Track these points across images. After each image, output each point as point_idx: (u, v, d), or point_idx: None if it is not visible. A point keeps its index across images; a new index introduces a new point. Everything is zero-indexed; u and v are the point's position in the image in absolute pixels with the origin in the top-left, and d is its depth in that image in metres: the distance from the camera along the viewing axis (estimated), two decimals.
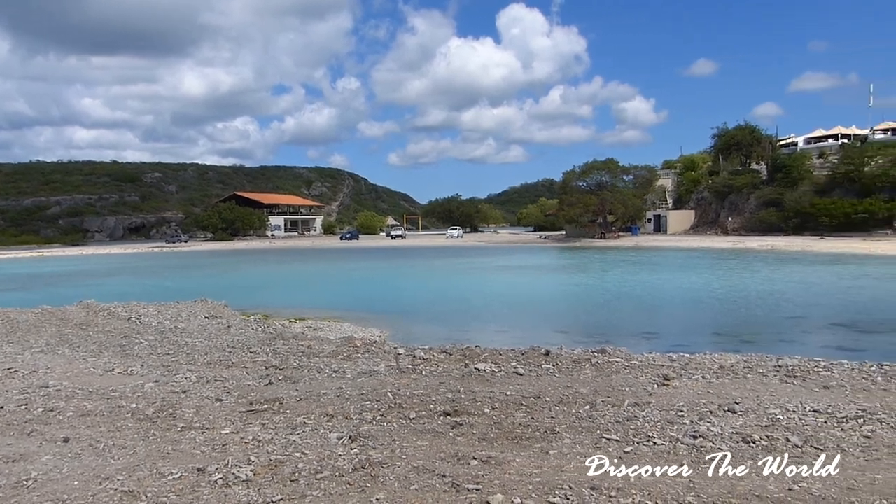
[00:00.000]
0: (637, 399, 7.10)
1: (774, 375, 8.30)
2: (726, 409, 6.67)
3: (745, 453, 5.45)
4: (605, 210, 78.45)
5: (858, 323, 17.95)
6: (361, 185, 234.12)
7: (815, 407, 6.73)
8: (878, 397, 7.20)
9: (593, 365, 8.93)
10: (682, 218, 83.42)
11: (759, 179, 75.33)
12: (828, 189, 66.18)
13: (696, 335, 16.13)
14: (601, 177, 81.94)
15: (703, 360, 9.39)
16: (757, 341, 14.84)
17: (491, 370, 8.61)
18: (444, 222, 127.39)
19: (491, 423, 6.35)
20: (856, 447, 5.56)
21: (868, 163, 63.92)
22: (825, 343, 14.91)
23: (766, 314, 20.46)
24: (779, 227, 66.54)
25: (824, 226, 62.35)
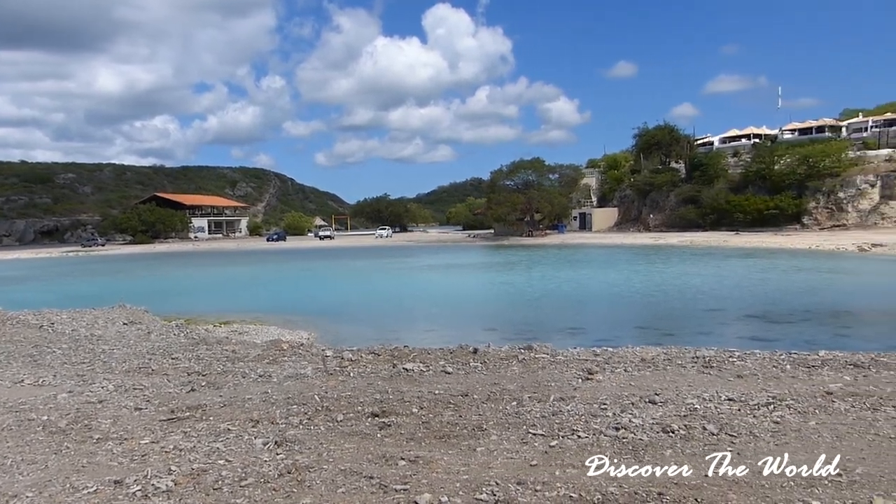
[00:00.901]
0: (562, 394, 7.24)
1: (692, 367, 8.61)
2: (647, 400, 6.88)
3: (664, 442, 5.63)
4: (532, 209, 79.72)
5: (770, 314, 18.83)
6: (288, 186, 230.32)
7: (730, 396, 7.02)
8: (787, 384, 7.58)
9: (520, 361, 9.05)
10: (606, 216, 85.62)
11: (679, 178, 78.11)
12: (742, 187, 69.23)
13: (620, 329, 16.58)
14: (528, 176, 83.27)
15: (625, 353, 9.66)
16: (677, 334, 15.37)
17: (419, 370, 8.62)
18: (373, 222, 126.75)
19: (419, 423, 6.35)
20: (766, 432, 5.83)
21: (778, 161, 67.18)
22: (740, 334, 15.58)
23: (686, 307, 21.23)
24: (697, 224, 69.17)
25: (739, 222, 65.15)
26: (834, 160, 63.57)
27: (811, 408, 6.57)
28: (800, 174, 64.28)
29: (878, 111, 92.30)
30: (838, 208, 62.42)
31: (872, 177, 61.64)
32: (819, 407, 6.61)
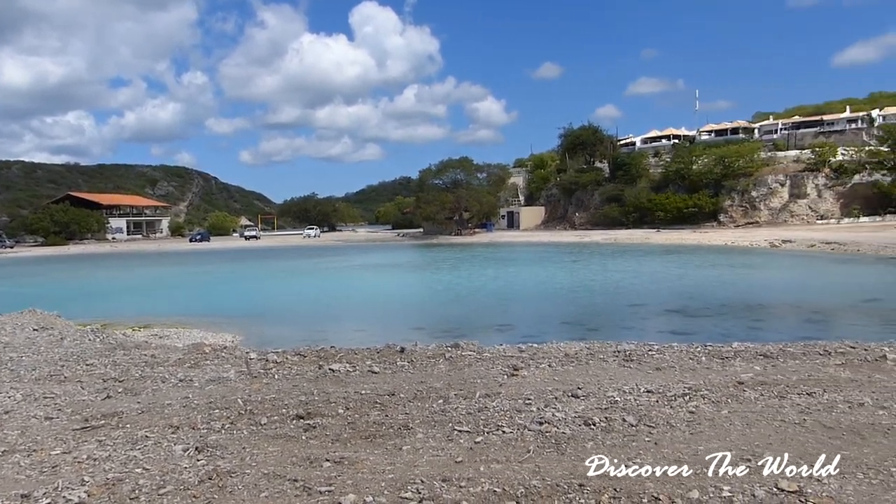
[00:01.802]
0: (488, 390, 7.32)
1: (614, 360, 8.85)
2: (570, 394, 7.03)
3: (586, 435, 5.77)
4: (461, 207, 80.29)
5: (688, 308, 19.55)
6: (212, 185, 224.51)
7: (649, 387, 7.25)
8: (702, 375, 7.88)
9: (447, 359, 9.10)
10: (533, 214, 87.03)
11: (603, 177, 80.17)
12: (662, 185, 71.68)
13: (546, 325, 16.89)
14: (456, 175, 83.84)
15: (549, 349, 9.84)
16: (601, 329, 15.78)
17: (346, 370, 8.55)
18: (300, 222, 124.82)
19: (345, 424, 6.30)
20: (682, 422, 6.05)
21: (696, 162, 69.88)
22: (660, 328, 16.11)
23: (609, 303, 21.83)
24: (621, 222, 71.15)
25: (660, 220, 67.41)
26: (747, 161, 66.58)
27: (724, 397, 6.86)
28: (716, 174, 67.04)
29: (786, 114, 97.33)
30: (752, 206, 65.36)
31: (782, 177, 64.80)
32: (731, 396, 6.90)
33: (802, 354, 9.03)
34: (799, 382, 7.41)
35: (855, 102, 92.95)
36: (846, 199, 60.75)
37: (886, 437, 5.56)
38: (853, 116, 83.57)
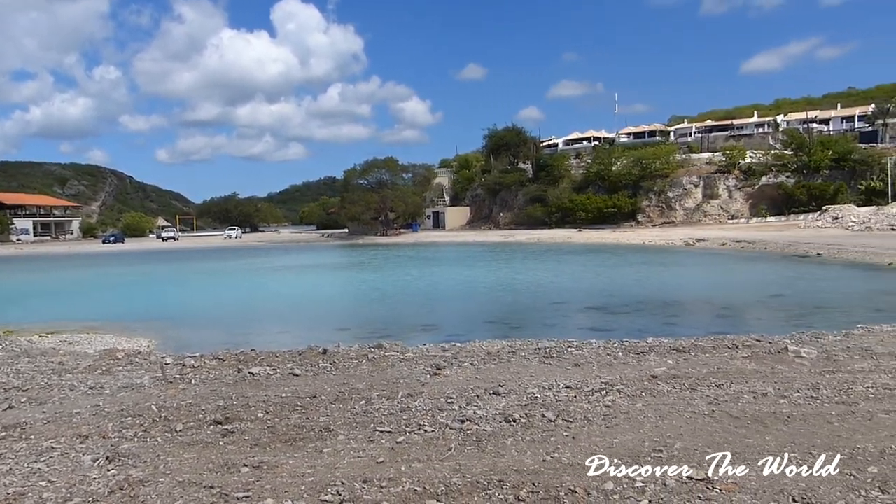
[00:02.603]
0: (411, 390, 7.34)
1: (535, 357, 9.03)
2: (491, 392, 7.13)
3: (506, 431, 5.86)
4: (387, 208, 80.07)
5: (608, 305, 20.09)
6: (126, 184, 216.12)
7: (568, 383, 7.43)
8: (619, 370, 8.13)
9: (370, 360, 9.07)
10: (458, 214, 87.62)
11: (526, 177, 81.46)
12: (583, 186, 73.46)
13: (470, 325, 17.01)
14: (382, 175, 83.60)
15: (472, 348, 9.95)
16: (523, 327, 16.03)
17: (266, 373, 8.40)
18: (221, 223, 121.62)
19: (264, 428, 6.19)
20: (599, 416, 6.22)
21: (615, 163, 71.93)
22: (580, 325, 16.48)
23: (532, 301, 22.21)
24: (544, 221, 72.48)
25: (581, 219, 69.04)
26: (663, 162, 68.97)
27: (639, 391, 7.10)
28: (634, 175, 69.19)
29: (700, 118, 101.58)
30: (668, 206, 67.75)
31: (696, 178, 67.44)
32: (645, 390, 7.15)
33: (712, 348, 9.44)
34: (708, 375, 7.75)
35: (762, 108, 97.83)
36: (754, 200, 63.73)
37: (786, 424, 5.88)
38: (760, 121, 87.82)
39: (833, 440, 5.43)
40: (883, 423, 5.81)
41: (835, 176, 59.27)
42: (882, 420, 5.91)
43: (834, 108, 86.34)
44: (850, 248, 33.48)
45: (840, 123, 78.87)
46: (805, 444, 5.35)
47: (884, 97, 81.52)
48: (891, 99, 77.85)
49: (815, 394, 6.80)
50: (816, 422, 5.93)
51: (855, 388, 6.95)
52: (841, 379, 7.39)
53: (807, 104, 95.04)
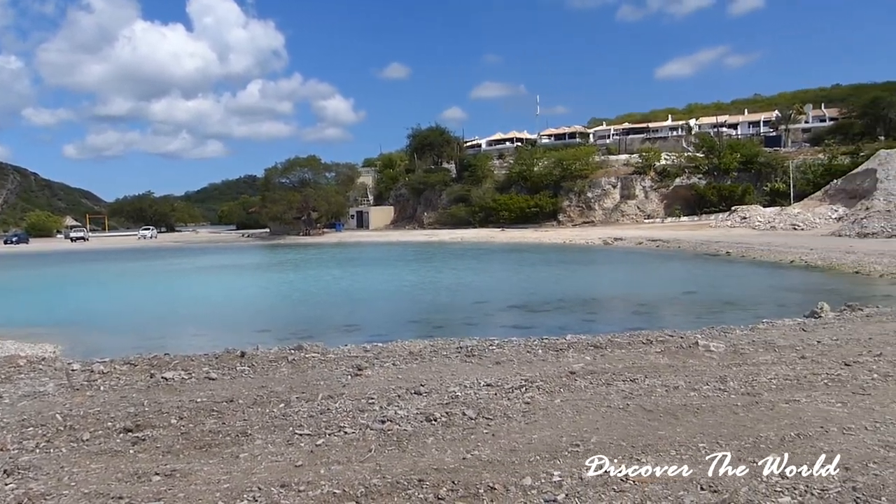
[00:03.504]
0: (331, 391, 7.25)
1: (456, 356, 9.07)
2: (413, 391, 7.12)
3: (427, 431, 5.86)
4: (309, 207, 78.92)
5: (529, 304, 20.44)
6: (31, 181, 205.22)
7: (488, 381, 7.50)
8: (538, 367, 8.27)
9: (290, 362, 8.91)
10: (383, 214, 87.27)
11: (450, 177, 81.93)
12: (506, 186, 74.50)
13: (393, 324, 16.97)
14: (304, 174, 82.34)
15: (394, 348, 9.91)
16: (446, 326, 16.09)
17: (181, 378, 8.12)
18: (135, 222, 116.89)
19: (178, 434, 5.98)
20: (518, 413, 6.31)
21: (537, 164, 73.27)
22: (502, 323, 16.69)
23: (455, 300, 22.35)
24: (468, 221, 73.06)
25: (504, 219, 69.94)
26: (583, 164, 70.70)
27: (557, 387, 7.24)
28: (555, 176, 70.67)
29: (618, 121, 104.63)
30: (587, 207, 69.47)
31: (614, 179, 69.43)
32: (564, 386, 7.29)
33: (628, 344, 9.73)
34: (624, 370, 7.98)
35: (675, 112, 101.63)
36: (669, 200, 66.12)
37: (696, 416, 6.12)
38: (674, 125, 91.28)
39: (738, 430, 5.68)
40: (783, 413, 6.12)
41: (742, 178, 62.17)
42: (783, 409, 6.22)
43: (742, 113, 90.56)
44: (756, 246, 35.20)
45: (747, 128, 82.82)
46: (713, 434, 5.58)
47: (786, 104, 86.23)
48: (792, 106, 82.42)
49: (722, 386, 7.10)
50: (724, 413, 6.18)
51: (759, 380, 7.29)
52: (746, 371, 7.74)
53: (717, 109, 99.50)
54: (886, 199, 43.18)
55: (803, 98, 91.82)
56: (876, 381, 7.14)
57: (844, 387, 6.96)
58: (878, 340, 9.42)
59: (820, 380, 7.26)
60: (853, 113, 72.45)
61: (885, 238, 35.89)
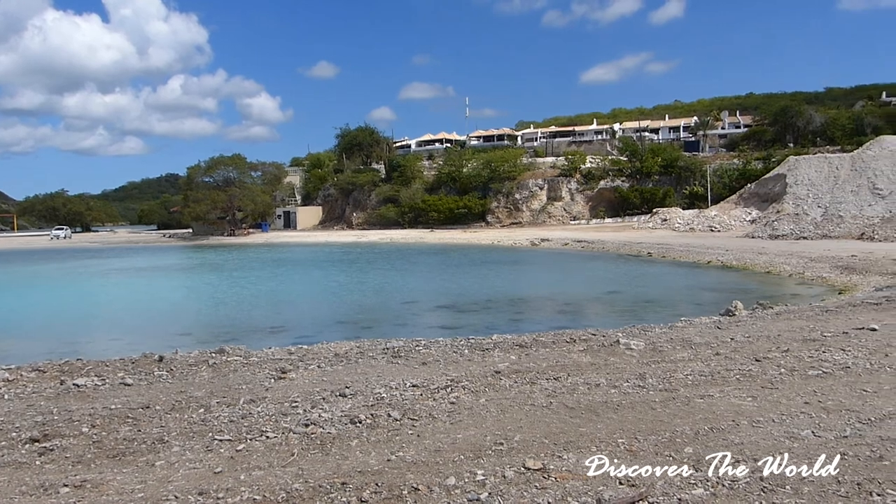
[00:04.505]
0: (253, 395, 7.09)
1: (383, 357, 9.02)
2: (338, 394, 7.04)
3: (351, 433, 5.81)
4: (234, 207, 77.10)
5: (457, 304, 20.56)
6: None
7: (414, 382, 7.49)
8: (464, 367, 8.31)
9: (211, 366, 8.66)
10: (311, 214, 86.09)
11: (379, 178, 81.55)
12: (436, 187, 74.70)
13: (320, 326, 16.76)
14: (228, 172, 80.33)
15: (320, 349, 9.78)
16: (374, 327, 16.02)
17: (94, 384, 7.78)
18: (47, 222, 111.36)
19: (89, 443, 5.72)
20: (444, 413, 6.32)
21: (466, 165, 73.81)
22: (430, 323, 16.73)
23: (384, 301, 22.26)
24: (397, 222, 72.88)
25: (434, 220, 70.12)
26: (511, 165, 71.65)
27: (482, 387, 7.29)
28: (484, 177, 71.36)
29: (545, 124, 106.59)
30: (515, 208, 70.42)
31: (541, 181, 70.62)
32: (489, 385, 7.36)
33: (552, 343, 9.90)
34: (548, 368, 8.11)
35: (600, 116, 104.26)
36: (594, 202, 67.75)
37: (616, 412, 6.27)
38: (599, 129, 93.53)
39: (656, 425, 5.86)
40: (698, 408, 6.35)
41: (663, 181, 64.28)
42: (697, 404, 6.45)
43: (663, 118, 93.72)
44: (675, 247, 36.47)
45: (668, 133, 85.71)
46: (632, 429, 5.73)
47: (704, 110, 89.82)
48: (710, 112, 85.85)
49: (641, 383, 7.31)
50: (642, 409, 6.36)
51: (676, 377, 7.54)
52: (664, 368, 7.99)
53: (640, 114, 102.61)
54: (795, 202, 45.50)
55: (720, 105, 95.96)
56: (783, 375, 7.50)
57: (755, 381, 7.27)
58: (786, 337, 9.90)
59: (732, 375, 7.56)
60: (765, 121, 76.06)
61: (793, 240, 37.77)
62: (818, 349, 8.79)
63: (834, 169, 47.08)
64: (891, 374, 7.42)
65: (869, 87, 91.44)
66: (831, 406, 6.29)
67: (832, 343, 9.22)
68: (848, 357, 8.26)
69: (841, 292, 18.04)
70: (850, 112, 71.56)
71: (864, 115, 68.62)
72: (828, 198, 44.48)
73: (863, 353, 8.49)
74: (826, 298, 16.54)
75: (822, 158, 50.36)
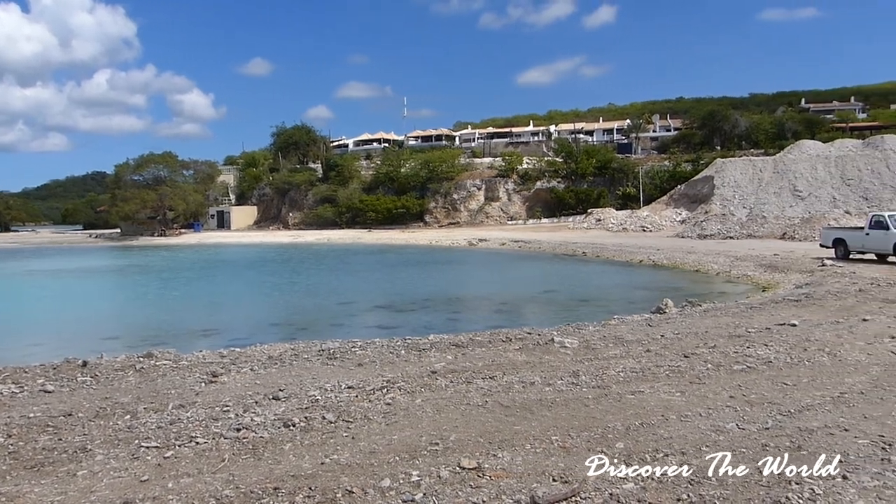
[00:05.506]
0: (183, 400, 6.89)
1: (318, 359, 8.90)
2: (271, 397, 6.91)
3: (285, 437, 5.70)
4: (165, 206, 74.88)
5: (395, 304, 20.47)
6: None
7: (350, 384, 7.41)
8: (400, 368, 8.28)
9: (138, 371, 8.37)
10: (245, 214, 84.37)
11: (316, 177, 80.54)
12: (374, 187, 74.29)
13: (254, 328, 16.42)
14: (159, 171, 77.94)
15: (253, 352, 9.58)
16: (310, 328, 15.79)
17: (10, 391, 7.41)
18: None
19: (5, 454, 5.45)
20: (379, 414, 6.28)
21: (404, 165, 73.69)
22: (367, 324, 16.61)
23: (321, 302, 21.98)
24: (334, 222, 72.13)
25: (371, 220, 69.69)
26: (449, 166, 71.90)
27: (419, 387, 7.28)
28: (422, 177, 71.39)
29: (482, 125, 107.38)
30: (453, 208, 70.67)
31: (479, 181, 71.09)
32: (425, 385, 7.35)
33: (488, 342, 9.96)
34: (484, 368, 8.15)
35: (537, 118, 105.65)
36: (531, 203, 68.60)
37: (550, 410, 6.36)
38: (535, 130, 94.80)
39: (589, 421, 5.96)
40: (629, 403, 6.49)
41: (598, 182, 65.59)
42: (629, 400, 6.60)
43: (597, 121, 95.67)
44: (609, 247, 37.27)
45: (602, 135, 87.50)
46: (565, 426, 5.82)
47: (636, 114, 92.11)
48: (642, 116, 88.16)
49: (575, 380, 7.43)
50: (576, 406, 6.47)
51: (608, 373, 7.70)
52: (597, 365, 8.15)
53: (575, 116, 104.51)
54: (722, 203, 47.12)
55: (652, 109, 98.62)
56: (710, 370, 7.75)
57: (683, 377, 7.49)
58: (713, 333, 10.23)
59: (662, 371, 7.77)
60: (694, 124, 78.47)
61: (721, 239, 39.13)
62: (743, 345, 9.12)
63: (758, 171, 48.98)
64: (808, 368, 7.76)
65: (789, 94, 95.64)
66: (754, 399, 6.53)
67: (756, 339, 9.58)
68: (770, 352, 8.60)
69: (764, 290, 18.75)
70: (773, 117, 74.59)
71: (785, 120, 71.62)
72: (752, 199, 46.21)
73: (784, 347, 8.86)
74: (751, 296, 17.17)
75: (747, 161, 52.32)
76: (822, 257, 23.49)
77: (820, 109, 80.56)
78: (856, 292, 14.68)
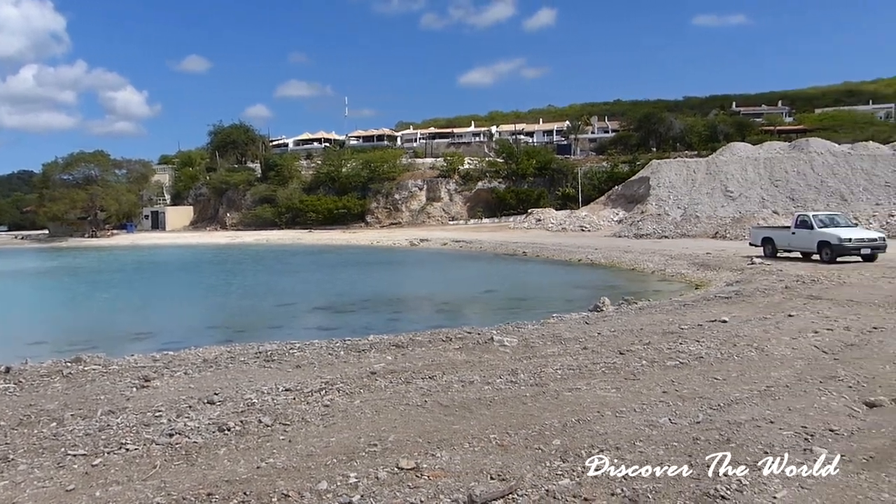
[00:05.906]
0: (113, 406, 6.67)
1: (255, 362, 8.75)
2: (206, 401, 6.76)
3: (219, 441, 5.58)
4: (96, 206, 72.40)
5: (336, 305, 20.30)
6: None
7: (288, 386, 7.31)
8: (339, 369, 8.21)
9: (65, 377, 8.06)
10: (181, 214, 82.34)
11: (254, 177, 79.17)
12: (314, 187, 73.46)
13: (189, 331, 16.00)
14: (90, 170, 75.31)
15: (187, 355, 9.35)
16: (247, 330, 15.49)
17: None
18: None
19: None
20: (317, 417, 6.21)
21: (345, 165, 73.12)
22: (307, 325, 16.40)
23: (259, 304, 21.62)
24: (273, 222, 71.04)
25: (312, 220, 68.91)
26: (391, 166, 71.72)
27: (357, 388, 7.23)
28: (363, 177, 71.01)
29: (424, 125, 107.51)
30: (395, 208, 70.51)
31: (420, 181, 71.13)
32: (364, 386, 7.31)
33: (429, 342, 9.98)
34: (424, 368, 8.16)
35: (478, 119, 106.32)
36: (472, 203, 68.99)
37: (489, 408, 6.41)
38: (477, 131, 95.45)
39: (527, 419, 6.03)
40: (566, 401, 6.60)
41: (538, 182, 66.45)
42: (566, 398, 6.71)
43: (537, 122, 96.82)
44: (549, 247, 37.81)
45: (542, 136, 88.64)
46: (503, 425, 5.87)
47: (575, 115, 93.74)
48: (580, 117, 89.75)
49: (514, 378, 7.51)
50: (514, 404, 6.54)
51: (546, 371, 7.81)
52: (536, 363, 8.25)
53: (515, 117, 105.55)
54: (658, 203, 48.38)
55: (590, 111, 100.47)
56: (644, 367, 7.94)
57: (619, 373, 7.66)
58: (647, 330, 10.49)
59: (598, 368, 7.92)
60: (631, 126, 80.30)
61: (656, 238, 40.16)
62: (676, 341, 9.39)
63: (692, 172, 50.49)
64: (738, 363, 8.04)
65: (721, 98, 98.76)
66: (686, 394, 6.73)
67: (688, 335, 9.86)
68: (702, 348, 8.87)
69: (697, 287, 19.32)
70: (706, 120, 76.94)
71: (717, 122, 73.95)
72: (686, 199, 47.59)
73: (714, 343, 9.16)
74: (684, 293, 17.67)
75: (681, 162, 53.86)
76: (751, 256, 24.38)
77: (750, 113, 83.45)
78: (782, 289, 15.27)
